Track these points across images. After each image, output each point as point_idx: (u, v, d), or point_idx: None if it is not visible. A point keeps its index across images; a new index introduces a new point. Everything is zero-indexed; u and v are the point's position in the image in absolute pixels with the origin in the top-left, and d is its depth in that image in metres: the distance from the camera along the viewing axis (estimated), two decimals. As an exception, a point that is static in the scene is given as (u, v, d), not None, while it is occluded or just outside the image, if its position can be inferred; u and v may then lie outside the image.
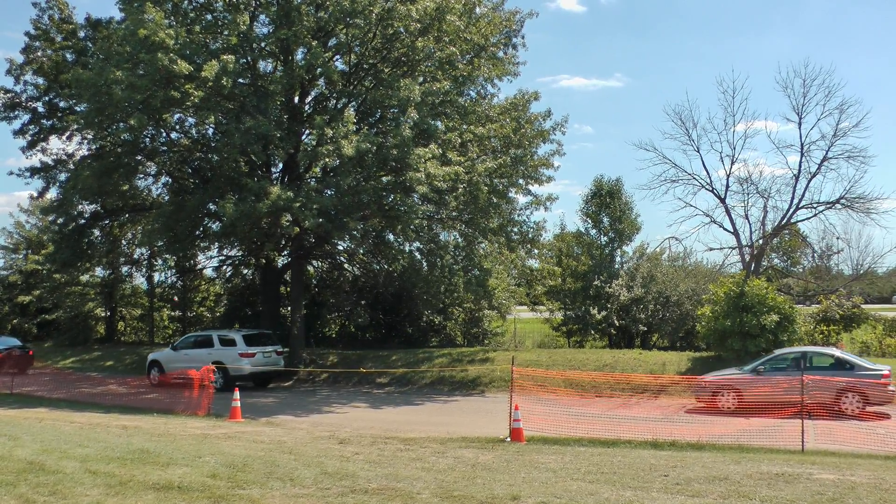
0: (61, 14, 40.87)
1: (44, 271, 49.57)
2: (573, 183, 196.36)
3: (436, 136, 32.77)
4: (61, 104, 41.01)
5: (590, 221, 44.46)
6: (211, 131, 37.27)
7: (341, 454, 15.31)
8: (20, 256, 56.60)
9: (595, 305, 41.40)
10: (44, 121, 41.11)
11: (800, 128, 37.87)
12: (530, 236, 38.01)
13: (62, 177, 40.70)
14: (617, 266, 43.89)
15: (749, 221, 39.08)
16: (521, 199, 38.14)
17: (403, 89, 31.13)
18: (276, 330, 42.51)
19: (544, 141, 37.09)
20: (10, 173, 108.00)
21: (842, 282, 40.41)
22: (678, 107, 65.03)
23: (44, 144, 41.37)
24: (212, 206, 35.12)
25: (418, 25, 32.34)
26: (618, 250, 44.49)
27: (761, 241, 38.89)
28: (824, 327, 34.38)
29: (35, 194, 43.90)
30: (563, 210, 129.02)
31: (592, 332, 42.30)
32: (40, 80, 41.05)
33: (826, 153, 37.29)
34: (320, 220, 31.11)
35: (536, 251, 40.22)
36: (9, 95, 41.45)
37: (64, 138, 40.48)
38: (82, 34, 40.51)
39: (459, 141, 34.00)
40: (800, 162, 38.15)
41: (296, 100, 35.92)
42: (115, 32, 34.04)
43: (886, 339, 34.02)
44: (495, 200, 35.19)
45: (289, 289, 42.02)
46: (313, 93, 37.54)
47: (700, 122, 75.60)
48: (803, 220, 39.93)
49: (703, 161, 51.17)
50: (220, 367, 32.47)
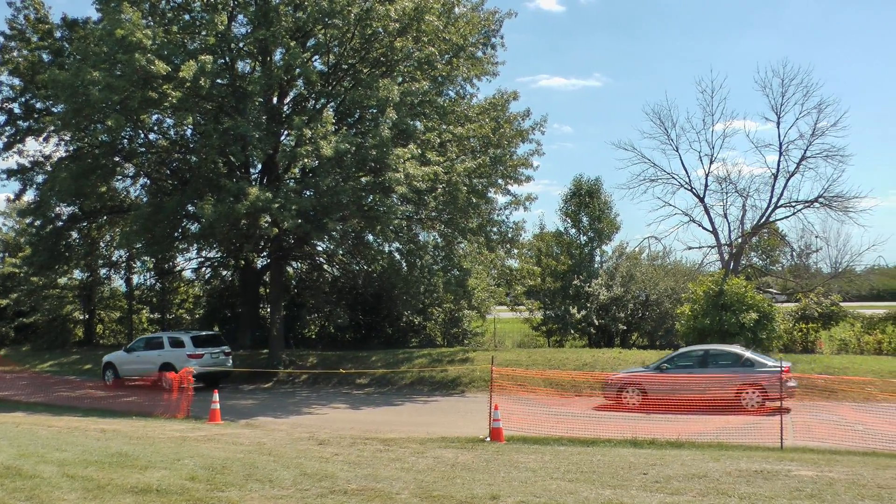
0: (37, 14, 40.40)
1: (21, 274, 49.05)
2: (553, 183, 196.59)
3: (415, 137, 32.79)
4: (38, 105, 40.52)
5: (569, 221, 44.48)
6: (189, 132, 37.16)
7: (321, 455, 15.28)
8: (-3, 259, 56.09)
9: (575, 305, 41.45)
10: (20, 122, 40.55)
11: (778, 127, 38.09)
12: (510, 236, 38.06)
13: (39, 179, 40.26)
14: (596, 265, 43.94)
15: (728, 220, 39.26)
16: (501, 199, 38.25)
17: (382, 89, 31.09)
18: (255, 331, 42.49)
19: (523, 141, 37.19)
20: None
21: (820, 280, 40.60)
22: (657, 106, 65.22)
23: (20, 146, 40.85)
24: (190, 208, 34.98)
25: (397, 25, 32.31)
26: (597, 250, 44.53)
27: (740, 240, 39.03)
28: (803, 325, 34.53)
29: (12, 196, 43.38)
30: (542, 210, 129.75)
31: (572, 331, 42.34)
32: (16, 81, 40.56)
33: (804, 152, 37.51)
34: (299, 220, 31.05)
35: (516, 251, 40.27)
36: (-16, 97, 41.03)
37: (41, 140, 40.06)
38: (58, 34, 40.06)
39: (438, 141, 33.98)
40: (778, 161, 38.38)
41: (274, 100, 35.81)
42: (91, 32, 33.87)
43: (865, 336, 34.17)
44: (474, 200, 35.16)
45: (268, 290, 41.95)
46: (292, 93, 37.44)
47: (679, 122, 75.84)
48: (782, 218, 40.19)
49: (682, 160, 50.96)
50: (170, 367, 32.95)
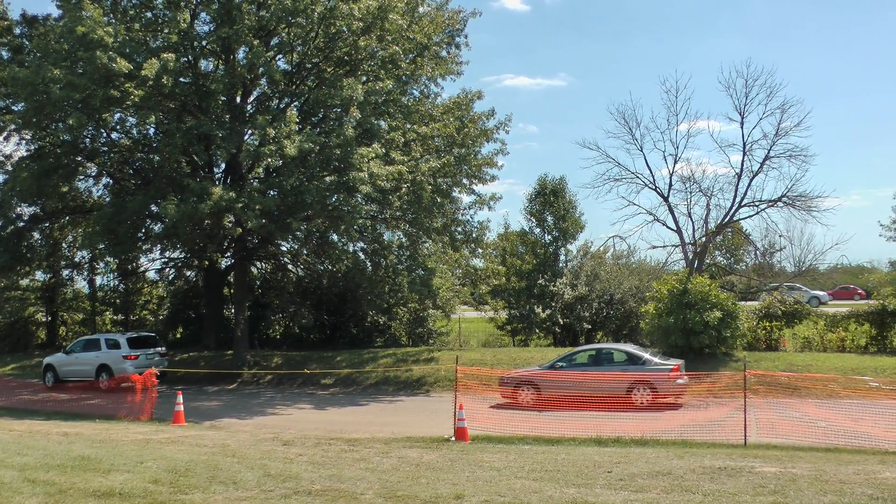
0: (-5, 10, 40.03)
1: (-19, 276, 48.55)
2: (518, 182, 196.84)
3: (379, 136, 32.75)
4: (-2, 103, 40.15)
5: (534, 220, 44.53)
6: (152, 131, 36.75)
7: (285, 456, 15.22)
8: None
9: (539, 304, 41.52)
10: (-21, 121, 40.19)
11: (742, 127, 38.54)
12: (474, 236, 38.11)
13: (0, 178, 39.88)
14: (561, 265, 44.05)
15: (692, 219, 39.60)
16: (465, 199, 38.31)
17: (346, 89, 31.03)
18: (219, 332, 42.28)
19: (488, 140, 37.27)
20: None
21: (784, 278, 40.99)
22: (622, 106, 65.84)
23: (-20, 145, 40.50)
24: (154, 208, 34.68)
25: (361, 24, 32.26)
26: (562, 249, 44.61)
27: (704, 239, 39.34)
28: (767, 323, 34.80)
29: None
30: (507, 209, 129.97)
31: (537, 330, 42.41)
32: (-26, 79, 40.16)
33: (768, 152, 37.93)
34: (263, 220, 30.92)
35: (480, 250, 40.30)
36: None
37: (1, 139, 39.59)
38: (18, 31, 39.59)
39: (403, 140, 33.98)
40: (742, 161, 38.78)
41: (238, 99, 35.55)
42: (52, 29, 33.59)
43: (828, 334, 34.48)
44: (439, 200, 35.20)
45: (232, 290, 41.70)
46: (255, 92, 37.18)
47: (643, 122, 76.29)
48: (746, 217, 40.67)
49: (646, 160, 51.18)
50: (107, 369, 34.14)
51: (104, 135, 36.95)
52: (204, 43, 33.97)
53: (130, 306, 52.29)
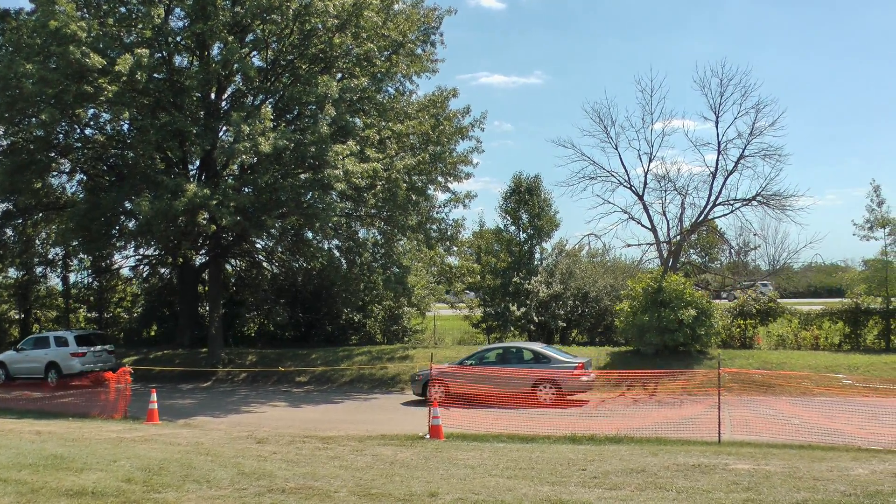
0: (-33, 5, 39.67)
1: (-47, 273, 48.15)
2: (494, 180, 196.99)
3: (354, 133, 32.72)
4: (-31, 99, 39.76)
5: (509, 218, 44.46)
6: (126, 127, 36.58)
7: (259, 454, 15.17)
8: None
9: (514, 302, 41.49)
10: (-50, 116, 39.79)
11: (717, 126, 38.59)
12: (449, 233, 38.16)
13: (-29, 175, 39.49)
14: (536, 263, 44.02)
15: (667, 218, 39.65)
16: (440, 197, 38.38)
17: (321, 86, 30.99)
18: (194, 330, 42.08)
19: (463, 138, 37.33)
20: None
21: (758, 277, 41.14)
22: (597, 105, 65.68)
23: (-50, 141, 40.09)
24: (128, 204, 34.54)
25: (336, 21, 32.21)
26: (537, 247, 44.55)
27: (679, 238, 39.43)
28: (741, 321, 34.98)
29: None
30: (482, 207, 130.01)
31: (512, 328, 42.35)
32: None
33: (742, 151, 37.98)
34: (238, 217, 30.85)
35: (455, 248, 40.33)
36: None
37: (-28, 135, 39.34)
38: (-10, 25, 39.35)
39: (378, 138, 33.94)
40: (717, 160, 38.79)
41: (212, 96, 35.44)
42: (24, 24, 33.38)
43: (802, 332, 34.71)
44: (414, 197, 35.22)
45: (207, 288, 41.54)
46: (230, 89, 37.04)
47: (618, 120, 76.20)
48: (720, 216, 40.72)
49: (621, 158, 51.80)
50: (55, 366, 34.61)
51: (78, 130, 36.73)
52: (178, 39, 33.92)
53: (104, 304, 51.92)
